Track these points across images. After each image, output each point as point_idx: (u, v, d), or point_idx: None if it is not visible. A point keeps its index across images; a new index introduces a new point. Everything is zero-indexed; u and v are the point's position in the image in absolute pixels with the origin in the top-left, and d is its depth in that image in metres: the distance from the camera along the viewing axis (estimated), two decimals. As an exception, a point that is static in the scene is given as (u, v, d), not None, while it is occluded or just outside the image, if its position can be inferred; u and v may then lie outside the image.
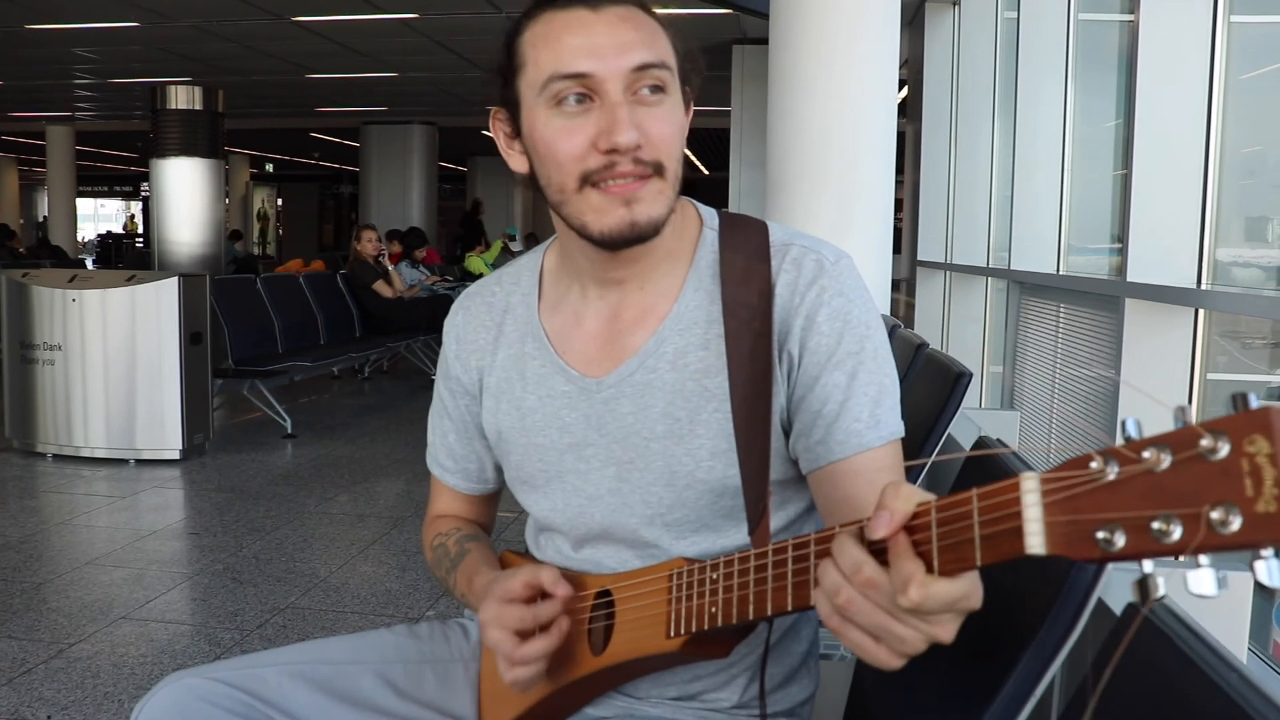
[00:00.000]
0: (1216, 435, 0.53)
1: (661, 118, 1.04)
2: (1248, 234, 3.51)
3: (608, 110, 1.02)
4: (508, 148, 1.13)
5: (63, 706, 2.70)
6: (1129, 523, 0.57)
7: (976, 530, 0.66)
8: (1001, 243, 5.51)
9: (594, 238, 1.06)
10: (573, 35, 1.03)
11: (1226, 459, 0.53)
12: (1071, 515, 0.60)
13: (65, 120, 17.57)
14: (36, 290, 5.60)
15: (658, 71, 1.04)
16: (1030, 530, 0.62)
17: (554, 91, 1.03)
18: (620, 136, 1.00)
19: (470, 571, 1.22)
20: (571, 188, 1.05)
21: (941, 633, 0.75)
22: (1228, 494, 0.52)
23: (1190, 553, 0.54)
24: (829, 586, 0.77)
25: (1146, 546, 0.56)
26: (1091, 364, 3.80)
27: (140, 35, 9.95)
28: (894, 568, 0.72)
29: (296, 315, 7.60)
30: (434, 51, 10.55)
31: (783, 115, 4.12)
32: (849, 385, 1.06)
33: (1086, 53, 4.38)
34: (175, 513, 4.74)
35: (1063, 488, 0.61)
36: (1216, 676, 0.68)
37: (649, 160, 1.03)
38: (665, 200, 1.06)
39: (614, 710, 1.19)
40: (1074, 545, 0.60)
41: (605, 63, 1.01)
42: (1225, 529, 0.52)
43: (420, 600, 3.52)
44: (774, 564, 0.87)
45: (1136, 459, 0.57)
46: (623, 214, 1.03)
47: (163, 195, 12.36)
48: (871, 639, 0.76)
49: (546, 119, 1.04)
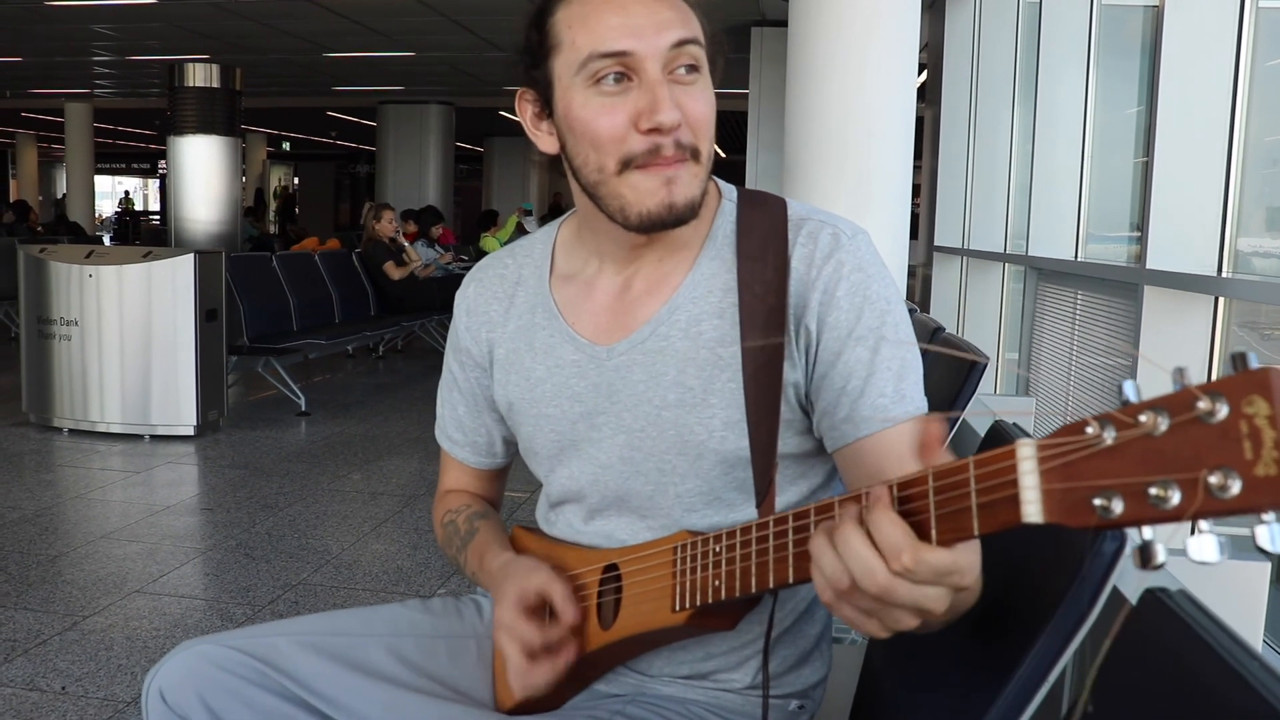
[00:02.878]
0: (1214, 397, 0.52)
1: (698, 96, 1.05)
2: (1269, 224, 3.47)
3: (647, 89, 1.02)
4: (534, 128, 1.13)
5: (76, 678, 2.72)
6: (1126, 489, 0.56)
7: (974, 499, 0.65)
8: (1019, 229, 5.47)
9: (631, 221, 1.06)
10: (611, 14, 1.03)
11: (1225, 421, 0.51)
12: (1068, 482, 0.59)
13: (84, 97, 17.60)
14: (54, 266, 5.62)
15: (693, 48, 1.04)
16: (1027, 499, 0.61)
17: (593, 71, 1.03)
18: (663, 115, 1.01)
19: (481, 550, 1.22)
20: (611, 169, 1.05)
21: (932, 604, 0.74)
22: (1226, 457, 0.51)
23: (1189, 518, 0.53)
24: (831, 574, 0.76)
25: (1145, 513, 0.55)
26: (1108, 353, 3.77)
27: (159, 13, 9.96)
28: (878, 533, 0.72)
29: (311, 293, 7.60)
30: (451, 31, 10.53)
31: (801, 98, 4.09)
32: (872, 360, 1.06)
33: (1109, 38, 4.34)
34: (189, 488, 4.76)
35: (1059, 454, 0.59)
36: (1235, 663, 0.67)
37: (687, 144, 1.04)
38: (699, 183, 1.07)
39: (625, 688, 1.19)
40: (1071, 513, 0.59)
41: (644, 41, 1.02)
42: (1224, 494, 0.51)
43: (432, 578, 3.53)
44: (775, 535, 0.87)
45: (1133, 423, 0.55)
46: (662, 196, 1.04)
47: (180, 173, 12.40)
48: (863, 614, 0.77)
49: (585, 99, 1.04)
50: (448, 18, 9.93)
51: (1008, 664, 0.89)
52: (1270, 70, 3.12)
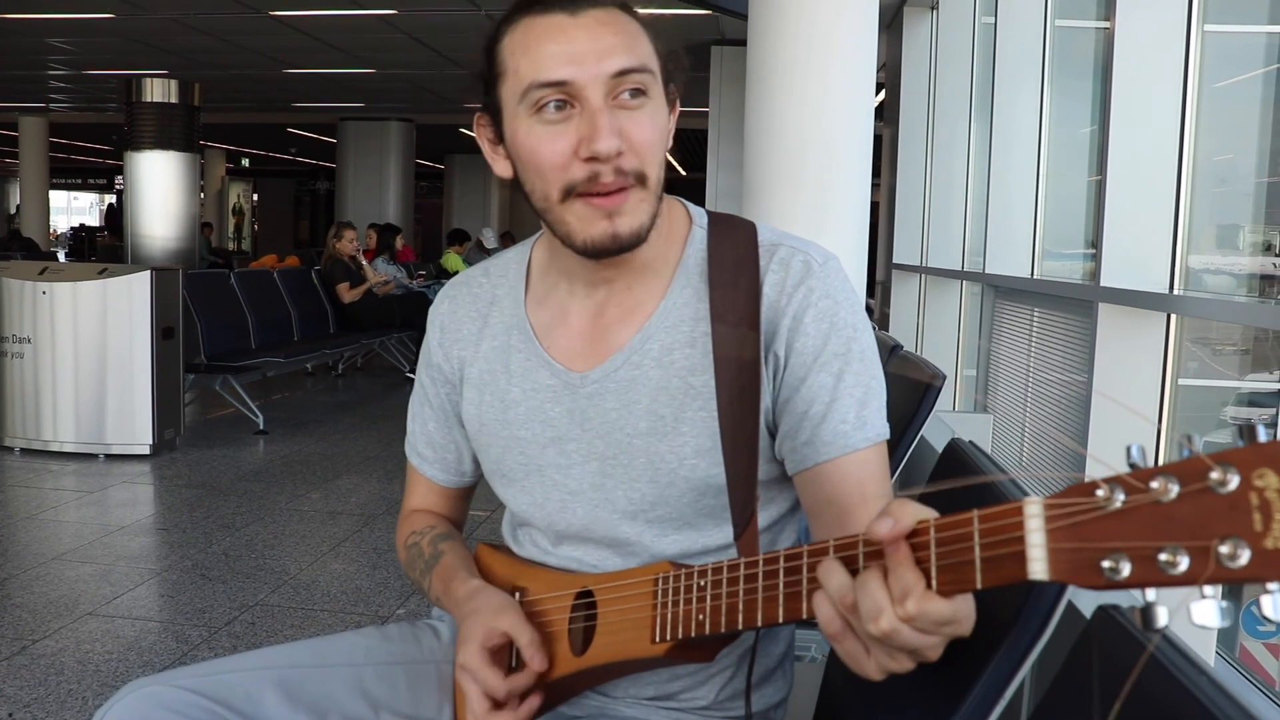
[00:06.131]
0: (1225, 468, 0.53)
1: (642, 122, 1.03)
2: (1219, 241, 3.54)
3: (588, 117, 1.01)
4: (492, 153, 1.12)
5: (25, 704, 2.66)
6: (1135, 552, 0.56)
7: (977, 552, 0.66)
8: (976, 247, 5.53)
9: (577, 247, 1.06)
10: (551, 42, 1.02)
11: (1235, 492, 0.52)
12: (1076, 543, 0.59)
13: (39, 111, 17.38)
14: (6, 283, 5.54)
15: (639, 76, 1.03)
16: (1033, 555, 0.61)
17: (534, 100, 1.02)
18: (600, 144, 1.00)
19: (446, 576, 1.21)
20: (555, 198, 1.04)
21: (929, 652, 0.75)
22: (1236, 528, 0.52)
23: (1198, 585, 0.54)
24: (836, 592, 0.77)
25: (1153, 577, 0.55)
26: (1065, 368, 3.82)
27: (116, 27, 9.86)
28: (894, 576, 0.71)
29: (270, 311, 7.54)
30: (412, 48, 10.51)
31: (760, 117, 4.12)
32: (835, 386, 1.06)
33: (1062, 59, 4.41)
34: (144, 508, 4.69)
35: (1067, 514, 0.60)
36: (1186, 680, 0.68)
37: (630, 170, 1.02)
38: (647, 209, 1.05)
39: (587, 710, 1.18)
40: (1078, 573, 0.59)
41: (584, 69, 1.01)
42: (1233, 563, 0.52)
43: (390, 598, 3.50)
44: (765, 574, 0.87)
45: (1144, 488, 0.56)
46: (605, 226, 1.03)
47: (137, 188, 12.27)
48: (864, 650, 0.77)
49: (528, 127, 1.04)
50: (408, 35, 9.91)
51: (966, 679, 0.90)
52: (1218, 92, 3.18)
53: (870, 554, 0.75)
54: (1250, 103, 3.34)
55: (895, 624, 0.72)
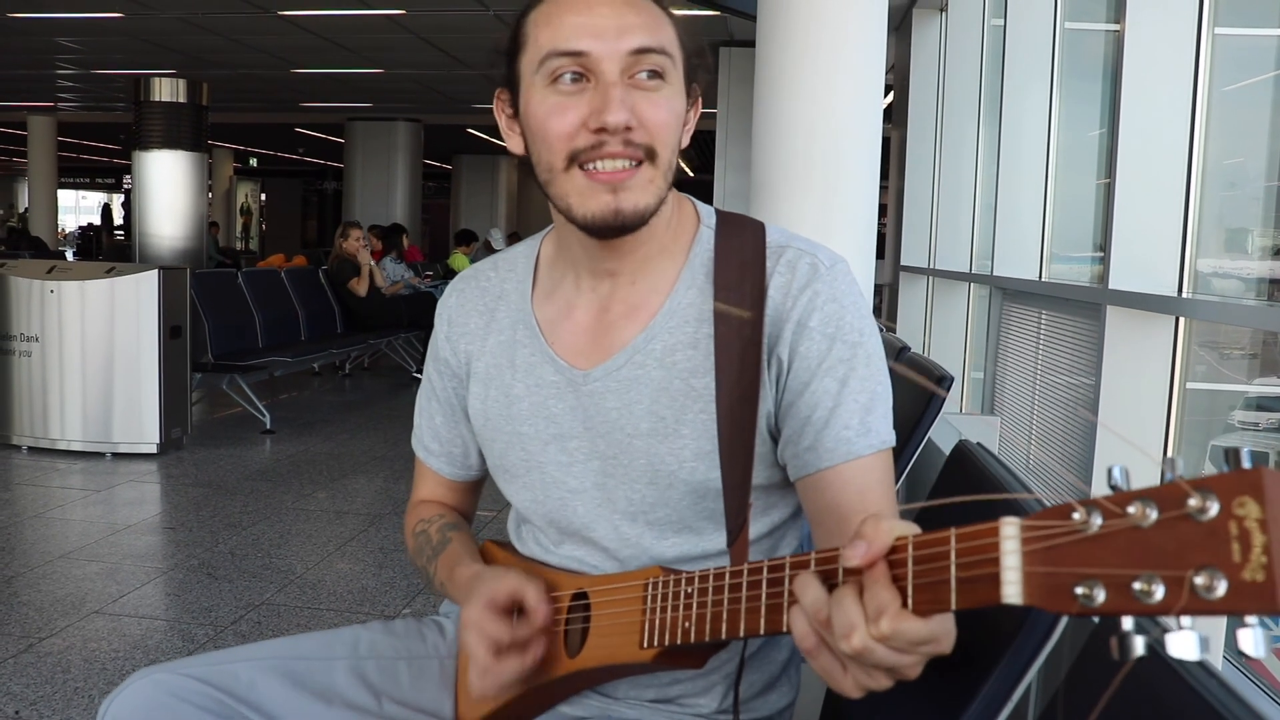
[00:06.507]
0: (1205, 494, 0.51)
1: (657, 103, 1.02)
2: (1228, 245, 3.52)
3: (601, 90, 1.00)
4: (508, 128, 1.12)
5: (31, 701, 2.67)
6: (1110, 580, 0.55)
7: (953, 572, 0.64)
8: (984, 249, 5.52)
9: (577, 221, 1.04)
10: (574, 14, 1.02)
11: (1214, 520, 0.50)
12: (1051, 567, 0.58)
13: (47, 110, 17.44)
14: (14, 281, 5.55)
15: (657, 57, 1.02)
16: (1007, 579, 0.60)
17: (550, 69, 1.02)
18: (610, 116, 0.99)
19: (451, 562, 1.21)
20: (559, 166, 1.03)
21: (908, 670, 0.74)
22: (1214, 558, 0.50)
23: (1172, 615, 0.52)
24: (811, 606, 0.76)
25: (1127, 605, 0.54)
26: (1072, 371, 3.81)
27: (125, 26, 9.89)
28: (869, 594, 0.70)
29: (277, 310, 7.55)
30: (421, 48, 10.52)
31: (768, 118, 4.11)
32: (839, 392, 1.05)
33: (1072, 61, 4.40)
34: (151, 507, 4.70)
35: (1043, 536, 0.58)
36: (1196, 684, 0.67)
37: (640, 143, 1.01)
38: (655, 190, 1.04)
39: (590, 710, 1.18)
40: (1051, 598, 0.58)
41: (603, 43, 1.00)
42: (1209, 594, 0.50)
43: (396, 598, 3.50)
44: (748, 585, 0.85)
45: (1121, 513, 0.55)
46: (607, 200, 1.02)
47: (145, 188, 12.28)
48: (840, 667, 0.76)
49: (541, 96, 1.03)
50: (416, 35, 9.92)
51: (972, 684, 0.89)
52: (1228, 95, 3.17)
53: (849, 570, 0.73)
54: (1260, 106, 3.33)
55: (868, 642, 0.70)
